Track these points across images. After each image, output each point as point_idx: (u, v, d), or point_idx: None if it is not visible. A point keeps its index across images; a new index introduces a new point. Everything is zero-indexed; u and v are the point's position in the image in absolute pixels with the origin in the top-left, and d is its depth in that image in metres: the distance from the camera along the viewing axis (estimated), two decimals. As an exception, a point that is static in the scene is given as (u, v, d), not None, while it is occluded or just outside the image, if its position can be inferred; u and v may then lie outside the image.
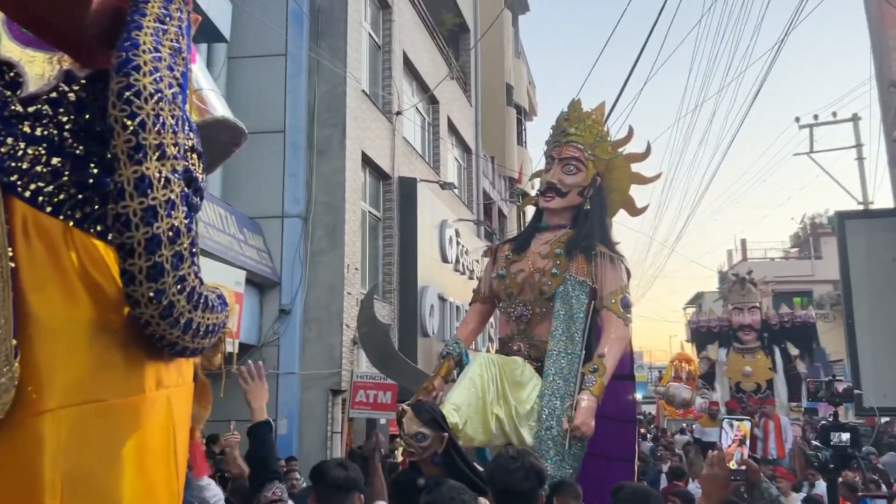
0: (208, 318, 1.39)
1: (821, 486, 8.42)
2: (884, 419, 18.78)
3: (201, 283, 1.37)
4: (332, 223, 10.44)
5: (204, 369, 1.72)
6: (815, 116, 16.80)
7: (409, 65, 14.05)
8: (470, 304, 5.77)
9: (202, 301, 1.36)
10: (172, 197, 1.27)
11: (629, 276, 5.35)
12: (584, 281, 4.95)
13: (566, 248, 5.07)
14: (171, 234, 1.26)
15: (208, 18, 9.03)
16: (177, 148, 1.29)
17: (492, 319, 7.03)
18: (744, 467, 2.33)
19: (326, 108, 10.85)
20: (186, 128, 1.49)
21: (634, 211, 5.71)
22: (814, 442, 3.10)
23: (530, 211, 6.18)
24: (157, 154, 1.25)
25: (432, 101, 15.34)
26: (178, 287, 1.28)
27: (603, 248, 5.09)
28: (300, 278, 10.12)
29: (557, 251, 5.09)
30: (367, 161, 11.68)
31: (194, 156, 1.51)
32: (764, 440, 11.52)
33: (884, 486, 9.44)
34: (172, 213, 1.27)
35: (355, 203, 10.99)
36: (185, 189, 1.45)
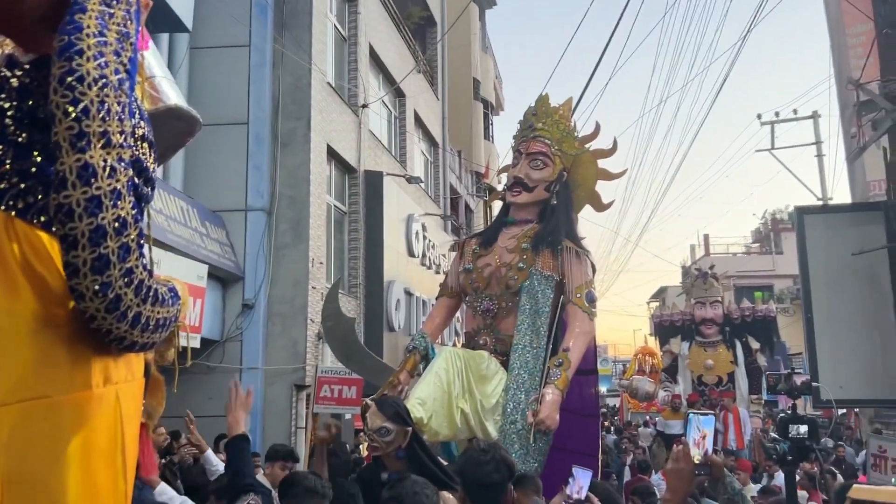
0: (158, 312, 1.35)
1: (780, 478, 8.59)
2: (840, 411, 19.28)
3: (150, 275, 1.32)
4: (296, 217, 10.32)
5: (157, 364, 1.67)
6: (777, 113, 17.11)
7: (375, 58, 13.95)
8: (436, 299, 5.76)
9: (151, 294, 1.31)
10: (118, 186, 1.22)
11: (594, 270, 5.39)
12: (551, 275, 4.97)
13: (532, 243, 5.08)
14: (117, 224, 1.21)
15: (170, 8, 8.85)
16: (123, 136, 1.24)
17: (458, 314, 7.04)
18: (708, 462, 2.35)
19: (291, 100, 10.72)
20: (137, 116, 1.44)
21: (600, 206, 5.75)
22: (772, 434, 3.15)
23: (497, 205, 6.18)
24: (101, 142, 1.20)
25: (399, 94, 15.26)
26: (125, 280, 1.23)
27: (569, 242, 5.12)
28: (264, 272, 10.00)
29: (524, 246, 5.11)
30: (332, 154, 11.57)
31: (145, 145, 1.46)
32: (724, 432, 11.71)
33: (840, 477, 9.67)
34: (118, 203, 1.22)
35: (320, 197, 10.88)
36: (135, 179, 1.40)
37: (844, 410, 18.08)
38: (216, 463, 3.68)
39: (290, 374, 9.78)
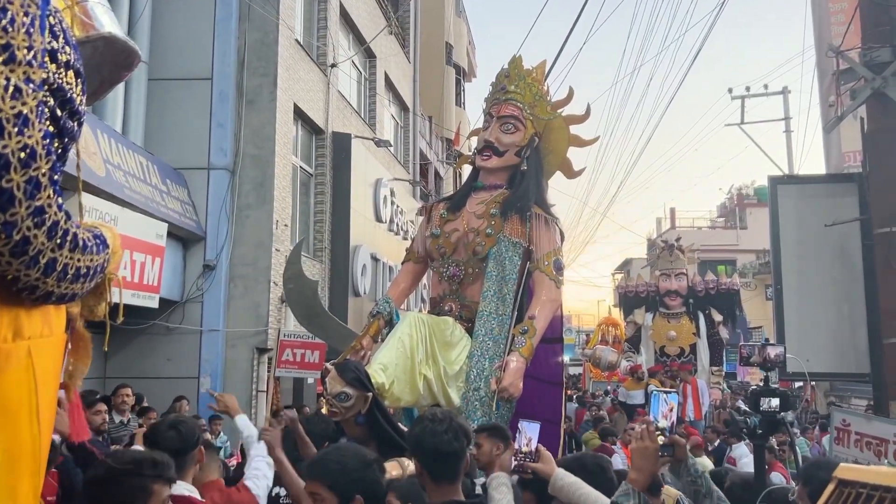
0: (80, 260, 1.19)
1: (738, 451, 8.72)
2: (797, 384, 19.71)
3: (68, 217, 1.16)
4: (260, 177, 10.06)
5: (84, 320, 1.50)
6: (748, 88, 17.10)
7: (345, 16, 13.59)
8: (402, 264, 5.64)
9: (70, 239, 1.15)
10: (25, 111, 1.05)
11: (563, 238, 5.31)
12: (518, 242, 4.89)
13: (501, 209, 4.98)
14: (22, 155, 1.04)
15: (130, -48, 8.45)
16: (31, 52, 1.07)
17: (424, 280, 6.93)
18: (671, 442, 2.30)
19: (257, 56, 10.38)
20: (61, 39, 1.26)
21: (571, 173, 5.66)
22: (743, 407, 3.10)
23: (467, 172, 6.05)
24: (2, 56, 1.03)
25: (369, 55, 14.92)
26: (35, 220, 1.07)
27: (538, 209, 5.03)
28: (226, 233, 9.75)
29: (493, 211, 5.00)
30: (299, 114, 11.28)
31: (70, 73, 1.28)
32: (682, 403, 11.86)
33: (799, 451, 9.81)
34: (25, 130, 1.05)
35: (286, 157, 10.62)
36: (58, 110, 1.23)
37: (801, 383, 18.50)
38: (246, 428, 3.55)
39: (251, 338, 9.61)
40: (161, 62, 10.07)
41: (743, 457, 8.23)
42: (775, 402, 2.99)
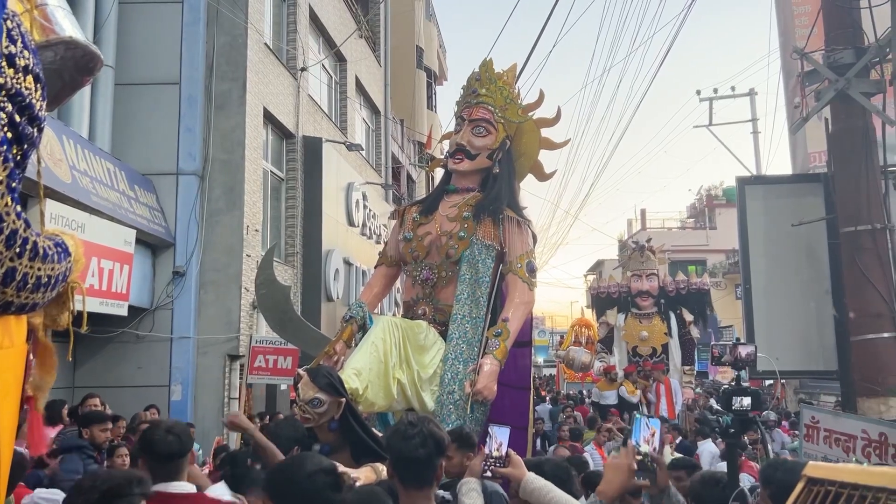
0: (40, 269, 1.16)
1: (704, 448, 8.80)
2: (768, 382, 19.98)
3: (27, 226, 1.13)
4: (230, 182, 9.96)
5: (48, 330, 1.46)
6: (715, 90, 17.34)
7: (315, 20, 13.52)
8: (375, 267, 5.61)
9: (29, 248, 1.12)
10: None
11: (535, 240, 5.33)
12: (491, 245, 4.89)
13: (474, 212, 4.98)
14: None
15: (94, -45, 8.32)
16: None
17: (398, 284, 6.90)
18: (652, 461, 2.30)
19: (226, 60, 10.29)
20: (20, 44, 1.23)
21: (543, 176, 5.70)
22: (715, 406, 3.11)
23: (440, 175, 6.05)
24: None
25: (339, 58, 14.86)
26: None
27: (510, 212, 5.04)
28: (196, 239, 9.63)
29: (465, 214, 5.00)
30: (269, 118, 11.20)
31: (29, 78, 1.25)
32: (656, 402, 11.94)
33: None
34: None
35: (256, 161, 10.53)
36: (16, 116, 1.20)
37: (772, 381, 18.77)
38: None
39: (223, 344, 9.50)
40: (128, 67, 9.93)
41: (707, 454, 8.36)
42: (747, 401, 3.02)
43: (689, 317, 12.84)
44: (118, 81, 9.78)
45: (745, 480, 7.29)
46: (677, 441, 8.79)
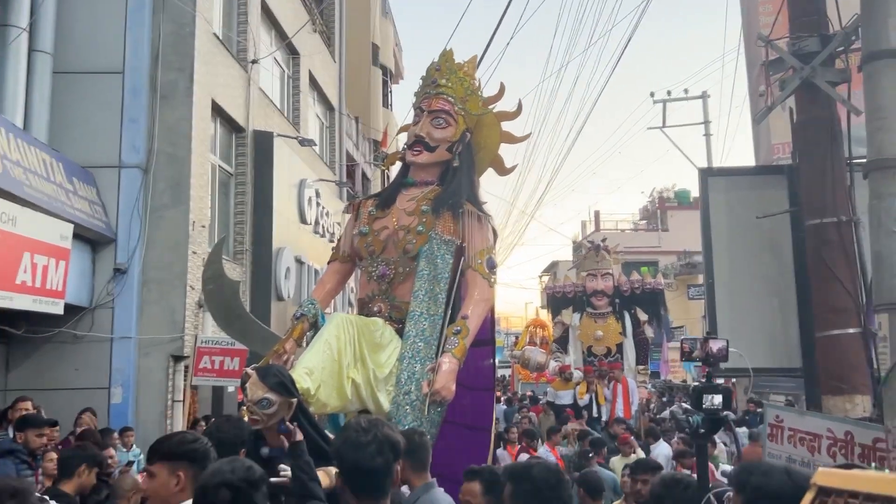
0: None
1: (659, 450, 8.76)
2: (719, 381, 20.27)
3: None
4: (176, 176, 9.55)
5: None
6: (669, 92, 17.54)
7: (267, 12, 13.15)
8: (328, 263, 5.39)
9: None
10: None
11: (496, 236, 5.18)
12: (451, 240, 4.72)
13: (433, 206, 4.81)
14: None
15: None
16: None
17: (351, 282, 6.66)
18: None
19: (172, 49, 9.87)
20: None
21: (503, 170, 5.55)
22: (684, 405, 2.94)
23: (396, 173, 5.85)
24: None
25: (292, 52, 14.50)
26: None
27: (471, 206, 4.88)
28: (139, 235, 9.21)
29: (424, 208, 4.83)
30: (217, 111, 10.81)
31: None
32: (612, 402, 11.92)
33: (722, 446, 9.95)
34: None
35: (203, 155, 10.14)
36: None
37: (722, 380, 19.03)
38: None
39: (166, 345, 9.10)
40: (67, 54, 9.48)
41: (662, 457, 8.32)
42: (718, 399, 2.89)
43: (643, 316, 12.88)
44: (57, 69, 9.33)
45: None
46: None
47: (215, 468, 2.00)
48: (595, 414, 11.91)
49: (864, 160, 4.19)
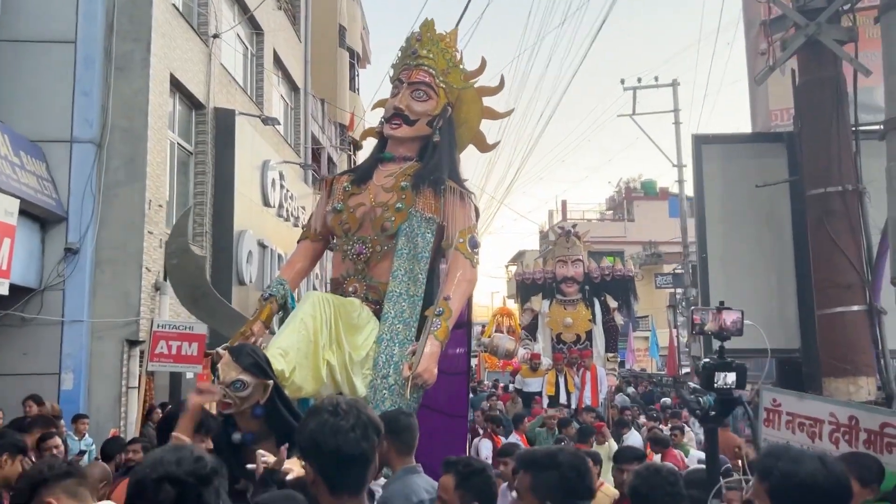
0: None
1: (632, 440, 8.62)
2: (685, 370, 20.27)
3: None
4: (131, 152, 9.08)
5: None
6: (639, 80, 17.43)
7: (230, -16, 12.65)
8: (298, 242, 5.07)
9: None
10: None
11: (478, 215, 4.96)
12: (432, 217, 4.49)
13: (413, 182, 4.56)
14: None
15: None
16: None
17: (316, 269, 6.33)
18: None
19: (128, 18, 9.38)
20: None
21: (485, 147, 5.30)
22: (692, 384, 2.65)
23: (364, 157, 5.56)
24: None
25: (256, 27, 13.98)
26: None
27: (453, 183, 4.63)
28: (92, 213, 8.73)
29: (403, 184, 4.57)
30: (176, 86, 10.32)
31: None
32: (580, 390, 11.79)
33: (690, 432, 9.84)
34: None
35: (161, 131, 9.66)
36: None
37: (689, 369, 19.03)
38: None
39: (120, 329, 8.67)
40: (15, 21, 8.96)
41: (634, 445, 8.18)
42: (731, 377, 2.64)
43: (613, 304, 12.77)
44: (4, 37, 8.84)
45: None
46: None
47: (156, 458, 1.63)
48: (564, 402, 11.76)
49: (872, 126, 3.96)
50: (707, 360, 2.71)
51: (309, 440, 1.84)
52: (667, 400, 15.30)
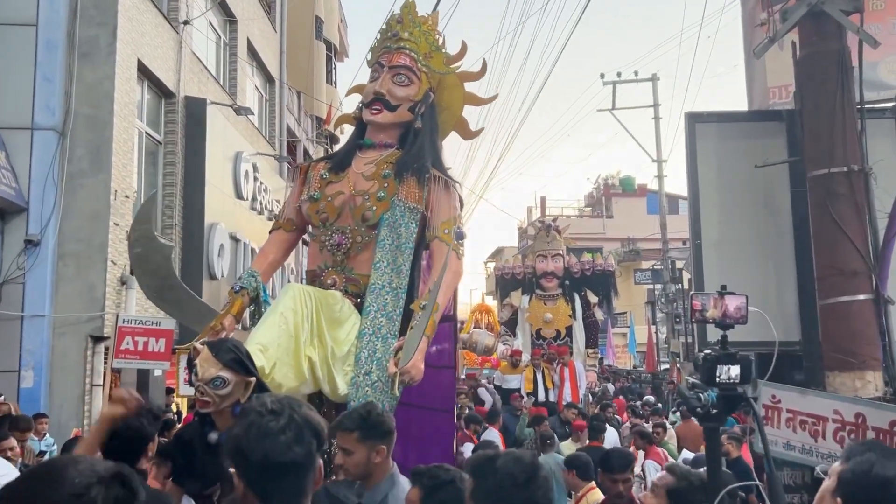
0: None
1: (607, 435, 8.49)
2: (663, 367, 20.19)
3: None
4: (96, 140, 8.72)
5: None
6: (619, 74, 17.30)
7: (201, -31, 12.25)
8: (270, 232, 4.81)
9: None
10: None
11: (462, 205, 4.74)
12: (416, 207, 4.25)
13: (396, 169, 4.32)
14: None
15: None
16: None
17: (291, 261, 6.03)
18: None
19: (94, 2, 9.03)
20: None
21: (468, 134, 5.07)
22: (691, 379, 2.39)
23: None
24: None
25: (229, 15, 13.59)
26: None
27: (437, 171, 4.40)
28: (54, 204, 8.36)
29: (385, 172, 4.33)
30: (144, 73, 9.94)
31: None
32: (560, 386, 11.63)
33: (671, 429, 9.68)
34: None
35: (127, 119, 9.28)
36: None
37: (668, 366, 18.95)
38: None
39: (84, 324, 8.33)
40: (-27, 2, 8.51)
41: (609, 442, 7.82)
42: (735, 370, 2.39)
43: (593, 299, 12.62)
44: (-40, 19, 8.37)
45: (651, 469, 6.92)
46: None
47: (56, 472, 1.31)
48: (542, 398, 11.58)
49: (878, 104, 3.73)
50: (708, 351, 2.46)
51: (234, 446, 1.56)
52: (650, 398, 15.19)
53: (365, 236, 4.21)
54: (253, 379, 2.76)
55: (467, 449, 7.32)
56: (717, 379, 2.42)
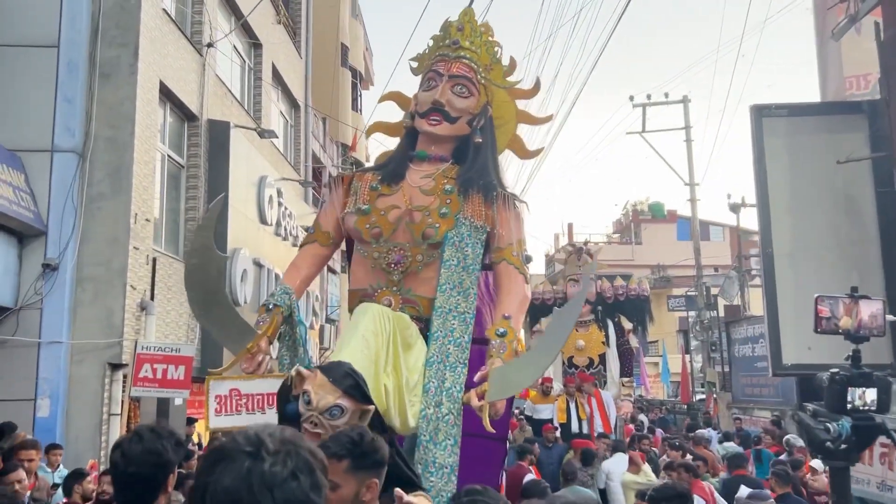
0: None
1: (615, 460, 8.01)
2: (699, 397, 19.44)
3: None
4: (116, 163, 8.49)
5: None
6: (649, 96, 16.90)
7: (225, -5, 12.17)
8: (301, 246, 4.43)
9: None
10: None
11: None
12: (482, 226, 3.91)
13: (461, 185, 3.99)
14: None
15: None
16: None
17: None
18: None
19: (115, 22, 8.86)
20: None
21: (525, 153, 4.71)
22: (812, 406, 1.96)
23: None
24: None
25: (253, 39, 13.47)
26: None
27: (503, 189, 4.09)
28: (73, 227, 8.11)
29: (447, 188, 3.99)
30: (167, 95, 9.76)
31: None
32: (591, 417, 11.16)
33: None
34: None
35: (149, 142, 9.07)
36: None
37: (704, 395, 18.23)
38: None
39: (102, 351, 8.01)
40: None
41: (616, 470, 7.72)
42: (871, 394, 1.92)
43: (628, 325, 12.10)
44: (-18, 41, 8.27)
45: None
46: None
47: None
48: (576, 430, 11.08)
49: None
50: (836, 370, 2.00)
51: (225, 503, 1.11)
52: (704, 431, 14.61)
53: (425, 255, 3.86)
54: (371, 407, 2.45)
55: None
56: (849, 405, 1.94)
